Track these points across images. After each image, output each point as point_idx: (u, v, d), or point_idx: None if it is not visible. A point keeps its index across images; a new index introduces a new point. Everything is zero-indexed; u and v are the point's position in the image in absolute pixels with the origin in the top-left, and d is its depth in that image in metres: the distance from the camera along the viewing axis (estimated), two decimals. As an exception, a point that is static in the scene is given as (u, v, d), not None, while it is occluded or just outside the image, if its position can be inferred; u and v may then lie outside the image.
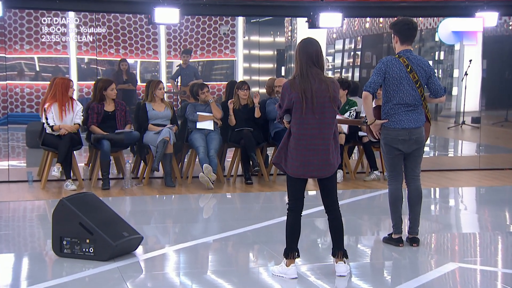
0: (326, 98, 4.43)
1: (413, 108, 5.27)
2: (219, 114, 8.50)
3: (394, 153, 5.34)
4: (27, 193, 7.88)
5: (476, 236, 6.19)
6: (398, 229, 5.44)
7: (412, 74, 5.22)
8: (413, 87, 5.22)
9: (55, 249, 5.09)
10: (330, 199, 4.64)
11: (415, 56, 5.31)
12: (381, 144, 5.42)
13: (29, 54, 13.48)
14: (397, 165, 5.39)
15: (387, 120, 5.30)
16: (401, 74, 5.21)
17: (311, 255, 5.31)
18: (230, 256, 5.46)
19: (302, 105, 4.40)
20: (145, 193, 7.93)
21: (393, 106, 5.26)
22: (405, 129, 5.25)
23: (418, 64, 5.26)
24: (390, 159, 5.38)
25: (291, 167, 4.50)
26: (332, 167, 4.53)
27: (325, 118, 4.45)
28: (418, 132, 5.30)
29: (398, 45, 5.36)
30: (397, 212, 5.42)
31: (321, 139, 4.46)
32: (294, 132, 4.47)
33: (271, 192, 8.09)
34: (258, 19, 13.29)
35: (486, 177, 9.15)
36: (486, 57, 12.28)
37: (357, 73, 15.48)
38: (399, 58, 5.26)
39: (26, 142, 10.96)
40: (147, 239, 5.69)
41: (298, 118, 4.45)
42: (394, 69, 5.22)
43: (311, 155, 4.45)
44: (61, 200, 5.09)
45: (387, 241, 5.54)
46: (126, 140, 8.18)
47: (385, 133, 5.34)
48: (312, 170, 4.49)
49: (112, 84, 8.28)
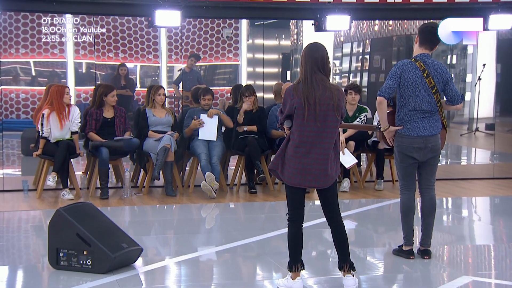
0: (329, 106, 4.44)
1: (429, 115, 5.24)
2: (231, 123, 8.52)
3: (409, 161, 5.31)
4: (22, 203, 7.89)
5: (491, 248, 6.17)
6: (409, 240, 5.42)
7: (429, 79, 5.18)
8: (429, 92, 5.19)
9: (51, 261, 5.09)
10: (332, 211, 4.63)
11: (432, 60, 5.26)
12: (395, 152, 5.38)
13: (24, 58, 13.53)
14: (411, 174, 5.37)
15: (401, 127, 5.27)
16: (417, 79, 5.18)
17: (319, 267, 5.30)
18: (233, 268, 5.45)
19: (304, 112, 4.41)
20: (145, 202, 7.93)
21: (408, 112, 5.23)
22: (420, 137, 5.22)
23: (435, 69, 5.23)
24: (403, 168, 5.36)
25: (287, 174, 4.50)
26: (330, 178, 4.53)
27: (327, 127, 4.45)
28: (434, 140, 5.27)
29: (416, 46, 5.31)
30: (409, 223, 5.41)
31: (321, 148, 4.46)
32: (294, 139, 4.48)
33: (276, 201, 8.09)
34: (263, 22, 13.31)
35: (500, 187, 9.12)
36: (500, 61, 12.27)
37: (366, 77, 15.48)
38: (415, 62, 5.23)
39: (22, 149, 10.99)
40: (147, 250, 5.69)
41: (299, 125, 4.45)
42: (410, 74, 5.19)
43: (309, 163, 4.45)
44: (58, 210, 5.10)
45: (397, 253, 5.53)
46: (125, 148, 8.19)
47: (399, 140, 5.31)
48: (310, 179, 4.48)
49: (114, 91, 8.31)
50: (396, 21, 14.39)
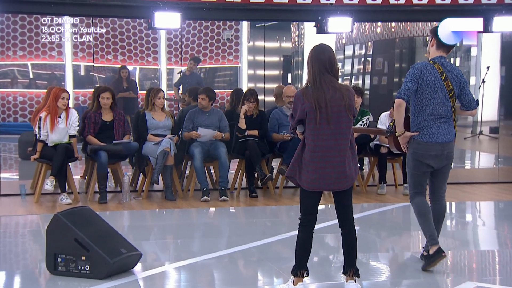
0: (341, 107, 4.43)
1: (445, 120, 5.11)
2: (229, 137, 8.53)
3: (422, 169, 5.17)
4: (19, 207, 7.88)
5: (495, 253, 6.16)
6: (434, 239, 5.15)
7: (447, 83, 5.07)
8: (447, 96, 5.07)
9: (49, 266, 5.08)
10: (345, 214, 4.63)
11: (449, 64, 5.16)
12: (409, 158, 5.23)
13: (22, 60, 13.54)
14: (424, 182, 5.26)
15: (417, 133, 5.12)
16: (436, 82, 5.05)
17: (320, 273, 5.29)
18: (234, 274, 5.44)
19: (316, 115, 4.40)
20: (144, 207, 7.92)
21: (426, 117, 5.09)
22: (438, 144, 5.08)
23: (452, 72, 5.12)
24: (417, 175, 5.22)
25: (306, 180, 4.49)
26: (350, 178, 4.52)
27: (341, 128, 4.44)
28: (450, 147, 5.14)
29: (433, 49, 5.19)
30: (429, 222, 5.18)
31: (337, 150, 4.45)
32: (309, 144, 4.46)
33: (277, 206, 8.08)
34: (264, 24, 13.33)
35: (505, 191, 9.11)
36: (504, 64, 12.27)
37: (368, 80, 15.50)
38: (433, 64, 5.11)
39: (19, 153, 10.98)
40: (146, 256, 5.68)
41: (312, 129, 4.44)
42: (429, 76, 5.06)
43: (327, 167, 4.44)
44: (56, 215, 5.09)
45: (429, 259, 5.16)
46: (124, 151, 8.19)
47: (415, 147, 5.15)
48: (329, 183, 4.48)
49: (106, 92, 8.25)
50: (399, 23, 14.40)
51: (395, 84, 14.80)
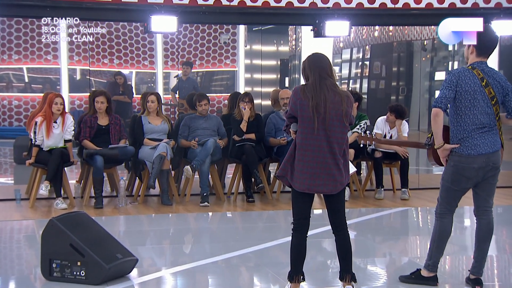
0: (338, 111, 4.44)
1: (488, 129, 4.75)
2: (227, 143, 8.61)
3: (462, 185, 4.83)
4: (14, 212, 7.87)
5: (494, 258, 6.16)
6: (435, 267, 5.00)
7: (488, 89, 4.72)
8: (489, 104, 4.72)
9: (44, 272, 5.07)
10: (338, 219, 4.63)
11: (490, 69, 4.80)
12: (447, 172, 4.86)
13: (17, 64, 13.53)
14: (458, 200, 4.94)
15: (458, 145, 4.76)
16: (476, 88, 4.70)
17: (317, 278, 5.29)
18: (230, 279, 5.44)
19: (311, 115, 4.40)
20: (140, 212, 7.92)
21: (466, 127, 4.73)
22: (482, 155, 4.73)
23: (494, 77, 4.76)
24: (454, 191, 4.86)
25: (297, 180, 4.49)
26: (339, 184, 4.53)
27: (335, 132, 4.45)
28: (496, 157, 4.79)
29: (473, 56, 4.84)
30: (442, 248, 4.99)
31: (330, 153, 4.45)
32: (300, 143, 4.47)
33: (275, 211, 8.08)
34: (261, 27, 13.34)
35: (503, 196, 9.12)
36: (502, 67, 12.30)
37: (366, 84, 15.52)
38: (472, 69, 4.76)
39: (14, 158, 10.98)
40: (142, 261, 5.67)
41: (305, 128, 4.45)
42: (468, 82, 4.71)
43: (318, 168, 4.45)
44: (51, 220, 5.09)
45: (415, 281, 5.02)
46: (120, 156, 8.18)
47: (456, 160, 4.77)
48: (319, 184, 4.48)
49: (101, 97, 8.25)
50: (397, 26, 14.43)
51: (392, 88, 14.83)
